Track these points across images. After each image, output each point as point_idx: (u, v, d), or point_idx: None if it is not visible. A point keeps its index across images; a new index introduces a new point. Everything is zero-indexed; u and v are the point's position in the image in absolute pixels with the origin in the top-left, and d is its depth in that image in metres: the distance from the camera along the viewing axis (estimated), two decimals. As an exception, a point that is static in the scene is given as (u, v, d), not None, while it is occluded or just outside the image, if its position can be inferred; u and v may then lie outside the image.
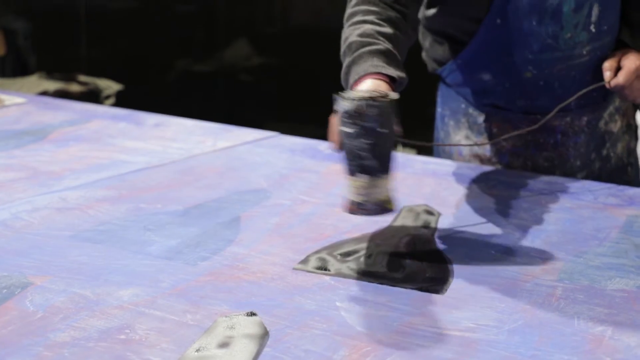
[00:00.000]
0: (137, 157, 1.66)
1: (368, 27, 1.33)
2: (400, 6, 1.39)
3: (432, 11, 1.58)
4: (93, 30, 4.30)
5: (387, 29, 1.33)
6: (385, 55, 1.26)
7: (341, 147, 1.09)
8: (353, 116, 1.05)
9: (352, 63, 1.27)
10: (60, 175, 1.52)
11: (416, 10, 1.47)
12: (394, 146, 1.10)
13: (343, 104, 1.06)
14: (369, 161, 1.06)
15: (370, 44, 1.28)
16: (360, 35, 1.31)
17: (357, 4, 1.40)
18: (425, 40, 1.67)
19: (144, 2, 4.29)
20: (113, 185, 1.47)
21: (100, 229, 1.25)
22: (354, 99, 1.06)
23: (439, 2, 1.56)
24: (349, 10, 1.40)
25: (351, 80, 1.24)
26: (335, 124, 1.11)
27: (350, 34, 1.33)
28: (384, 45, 1.29)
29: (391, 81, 1.23)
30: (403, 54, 1.35)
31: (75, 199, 1.38)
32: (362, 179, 1.07)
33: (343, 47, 1.33)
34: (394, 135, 1.10)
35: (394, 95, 1.09)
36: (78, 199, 1.39)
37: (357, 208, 1.08)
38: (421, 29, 1.67)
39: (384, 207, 1.08)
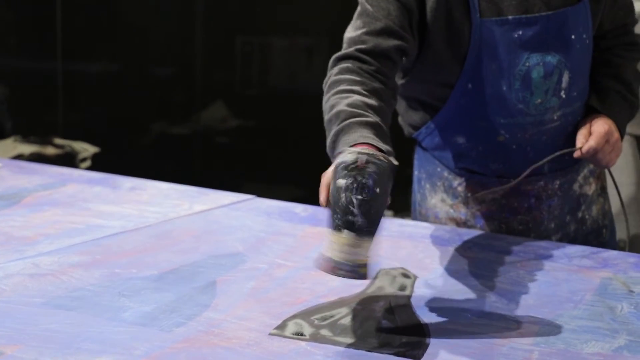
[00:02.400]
0: (112, 222, 1.65)
1: (357, 98, 1.33)
2: (381, 76, 1.41)
3: (405, 79, 1.61)
4: (70, 93, 4.32)
5: (374, 101, 1.35)
6: (374, 128, 1.27)
7: (329, 201, 1.08)
8: (349, 168, 1.05)
9: (341, 132, 1.27)
10: (34, 241, 1.51)
11: (397, 67, 1.49)
12: (383, 211, 1.08)
13: (343, 155, 1.06)
14: (357, 218, 1.03)
15: (359, 115, 1.29)
16: (349, 105, 1.31)
17: (340, 73, 1.41)
18: (400, 105, 1.69)
19: (123, 65, 4.32)
20: (87, 250, 1.46)
21: (74, 295, 1.24)
22: (355, 152, 1.05)
23: (411, 70, 1.58)
24: (332, 78, 1.41)
25: (339, 149, 1.24)
26: (327, 177, 1.11)
27: (337, 102, 1.33)
28: (373, 118, 1.29)
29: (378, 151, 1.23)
30: (388, 124, 1.36)
31: (48, 265, 1.37)
32: (345, 236, 1.04)
33: (329, 114, 1.33)
34: (386, 201, 1.08)
35: (394, 161, 1.08)
36: (51, 265, 1.37)
37: (332, 267, 1.05)
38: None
39: (358, 272, 1.04)
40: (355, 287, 1.27)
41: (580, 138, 1.56)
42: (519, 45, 1.49)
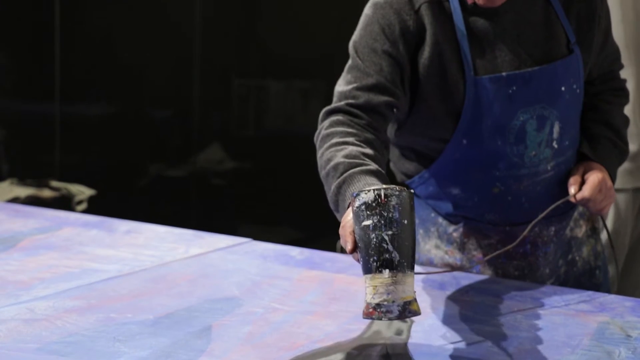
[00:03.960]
0: (108, 265, 1.65)
1: (352, 149, 1.34)
2: (373, 129, 1.43)
3: (399, 130, 1.61)
4: (67, 135, 4.33)
5: (369, 150, 1.36)
6: (376, 175, 1.28)
7: (356, 246, 1.06)
8: (372, 206, 1.03)
9: (344, 183, 1.27)
10: (29, 285, 1.50)
11: (388, 122, 1.51)
12: (415, 242, 1.07)
13: (361, 196, 1.05)
14: (391, 254, 1.01)
15: (359, 164, 1.29)
16: (346, 156, 1.32)
17: (331, 126, 1.42)
18: (393, 153, 1.70)
19: (120, 107, 4.34)
20: (83, 294, 1.45)
21: (68, 340, 1.23)
22: (372, 190, 1.04)
23: (405, 122, 1.59)
24: (323, 132, 1.42)
25: (347, 200, 1.24)
26: (349, 226, 1.09)
27: (333, 155, 1.34)
28: (373, 165, 1.30)
29: None
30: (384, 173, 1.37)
31: (43, 310, 1.36)
32: (383, 276, 1.01)
33: (326, 168, 1.34)
34: (414, 230, 1.06)
35: (411, 190, 1.08)
36: (46, 310, 1.36)
37: (377, 311, 1.01)
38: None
39: (407, 308, 1.01)
40: (351, 332, 1.27)
41: (573, 185, 1.57)
42: (512, 101, 1.50)
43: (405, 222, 1.03)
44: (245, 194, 4.07)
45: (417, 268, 1.62)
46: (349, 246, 1.09)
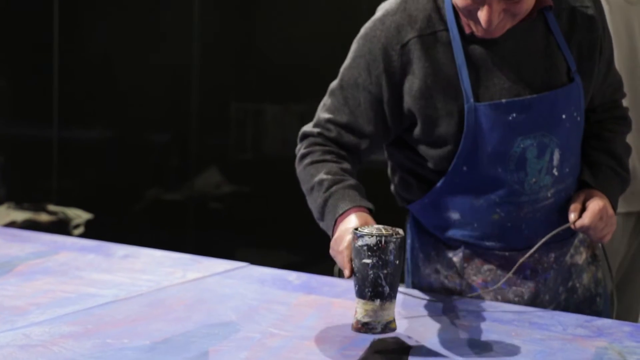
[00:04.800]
0: (104, 290, 1.64)
1: (332, 165, 1.52)
2: (345, 151, 1.57)
3: (399, 157, 1.63)
4: (65, 159, 4.34)
5: (346, 165, 1.54)
6: (357, 189, 1.49)
7: (356, 274, 1.27)
8: (373, 249, 1.25)
9: (329, 198, 1.47)
10: (25, 310, 1.49)
11: (358, 157, 1.61)
12: (400, 275, 1.30)
13: (365, 239, 1.25)
14: (385, 288, 1.25)
15: (341, 180, 1.49)
16: (328, 173, 1.50)
17: (309, 146, 1.58)
18: (395, 175, 1.70)
19: (118, 131, 4.35)
20: (79, 319, 1.45)
21: (64, 366, 1.22)
22: (375, 235, 1.25)
23: (402, 156, 1.61)
24: (302, 151, 1.58)
25: (336, 214, 1.44)
26: (348, 254, 1.30)
27: (315, 172, 1.52)
28: (353, 180, 1.50)
29: (369, 212, 1.44)
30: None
31: (39, 335, 1.36)
32: (375, 303, 1.26)
33: (310, 183, 1.51)
34: (402, 267, 1.30)
35: (402, 232, 1.28)
36: (42, 335, 1.36)
37: (365, 327, 1.26)
38: (390, 163, 1.71)
39: (388, 326, 1.27)
40: (350, 358, 1.26)
41: (573, 212, 1.56)
42: (512, 128, 1.50)
43: (397, 262, 1.26)
44: (242, 218, 4.07)
45: (416, 293, 1.63)
46: (347, 272, 1.31)
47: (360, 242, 1.26)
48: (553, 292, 1.65)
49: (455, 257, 1.63)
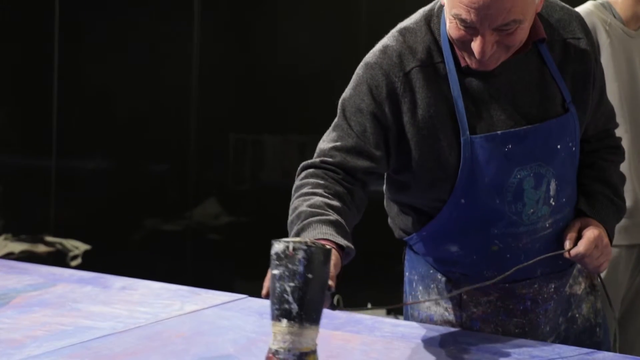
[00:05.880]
0: (102, 323, 1.63)
1: (318, 199, 1.40)
2: (347, 183, 1.46)
3: (396, 190, 1.62)
4: (63, 189, 4.33)
5: (336, 203, 1.41)
6: (334, 225, 1.33)
7: (269, 291, 1.10)
8: (280, 257, 1.07)
9: (302, 230, 1.33)
10: (22, 344, 1.48)
11: (365, 185, 1.52)
12: (323, 297, 1.09)
13: (275, 246, 1.09)
14: (292, 305, 1.05)
15: (320, 214, 1.35)
16: (310, 205, 1.37)
17: (305, 177, 1.47)
18: (391, 209, 1.70)
19: (116, 161, 4.35)
20: (76, 353, 1.43)
21: (61, 401, 1.21)
22: (283, 241, 1.08)
23: (400, 186, 1.60)
24: (297, 183, 1.48)
25: None
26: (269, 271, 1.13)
27: (299, 204, 1.40)
28: (334, 216, 1.35)
29: (340, 250, 1.29)
30: (351, 225, 1.41)
31: (35, 369, 1.34)
32: (281, 324, 1.06)
33: (291, 216, 1.40)
34: (324, 285, 1.09)
35: (327, 247, 1.11)
36: (39, 369, 1.34)
37: (275, 356, 1.06)
38: (386, 195, 1.71)
39: (303, 359, 1.06)
40: (349, 391, 1.25)
41: (568, 240, 1.56)
42: (509, 159, 1.50)
43: (311, 276, 1.07)
44: (241, 249, 4.06)
45: (416, 325, 1.61)
46: (264, 290, 1.15)
47: (272, 251, 1.10)
48: (553, 322, 1.64)
49: (455, 289, 1.62)
